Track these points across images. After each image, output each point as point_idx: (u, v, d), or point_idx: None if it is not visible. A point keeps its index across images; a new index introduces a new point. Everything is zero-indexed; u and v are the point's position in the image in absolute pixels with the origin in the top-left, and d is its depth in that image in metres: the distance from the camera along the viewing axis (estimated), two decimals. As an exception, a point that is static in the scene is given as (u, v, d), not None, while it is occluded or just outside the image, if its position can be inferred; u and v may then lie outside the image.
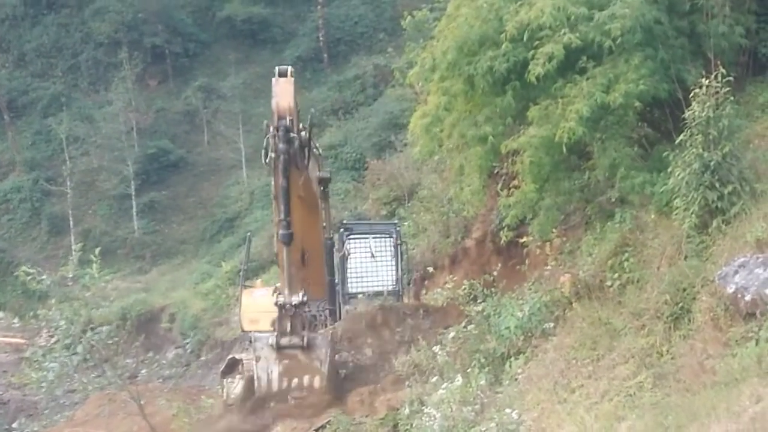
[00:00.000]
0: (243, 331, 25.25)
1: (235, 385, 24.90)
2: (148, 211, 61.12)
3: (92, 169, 62.69)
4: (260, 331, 25.17)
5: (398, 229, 26.86)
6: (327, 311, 24.95)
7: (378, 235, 26.27)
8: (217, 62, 69.82)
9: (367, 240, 26.03)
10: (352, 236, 25.85)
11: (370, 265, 26.10)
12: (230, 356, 25.58)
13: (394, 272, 25.81)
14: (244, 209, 57.66)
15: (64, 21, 70.26)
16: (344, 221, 27.41)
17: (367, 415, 19.14)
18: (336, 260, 25.72)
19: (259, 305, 25.87)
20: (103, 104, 64.54)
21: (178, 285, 50.01)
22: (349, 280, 25.54)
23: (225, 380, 25.78)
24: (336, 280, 25.72)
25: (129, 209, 60.48)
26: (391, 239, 26.19)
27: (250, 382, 20.56)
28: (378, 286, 25.21)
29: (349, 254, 25.61)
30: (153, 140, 64.12)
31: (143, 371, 30.97)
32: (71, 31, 70.06)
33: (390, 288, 24.92)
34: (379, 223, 28.97)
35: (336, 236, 25.82)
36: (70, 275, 24.04)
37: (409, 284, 25.63)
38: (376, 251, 25.97)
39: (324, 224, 25.31)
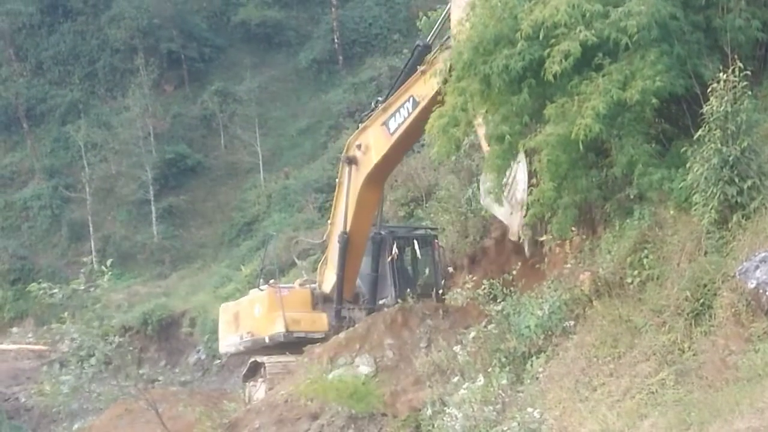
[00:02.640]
0: (288, 331, 25.08)
1: (258, 389, 24.95)
2: (167, 216, 61.28)
3: (111, 175, 62.93)
4: (305, 332, 25.19)
5: (436, 235, 27.57)
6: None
7: (419, 240, 26.72)
8: (232, 66, 69.95)
9: (410, 244, 26.52)
10: (397, 239, 26.27)
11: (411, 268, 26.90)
12: (252, 359, 25.60)
13: (434, 275, 26.18)
14: (262, 213, 57.73)
15: (80, 28, 70.52)
16: (384, 224, 27.57)
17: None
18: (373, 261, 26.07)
19: (290, 303, 25.83)
20: (121, 110, 64.76)
21: (198, 289, 50.14)
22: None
23: (247, 384, 25.83)
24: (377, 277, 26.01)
25: (148, 214, 60.66)
26: (430, 244, 26.87)
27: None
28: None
29: (397, 257, 25.90)
30: (170, 145, 64.27)
31: (160, 378, 31.06)
32: (87, 38, 70.32)
33: (436, 290, 25.10)
34: (418, 227, 29.19)
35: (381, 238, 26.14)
36: (82, 287, 24.10)
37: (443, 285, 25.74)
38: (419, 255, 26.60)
39: (374, 222, 26.05)
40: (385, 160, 24.57)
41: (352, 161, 24.79)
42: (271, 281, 27.31)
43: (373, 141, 24.19)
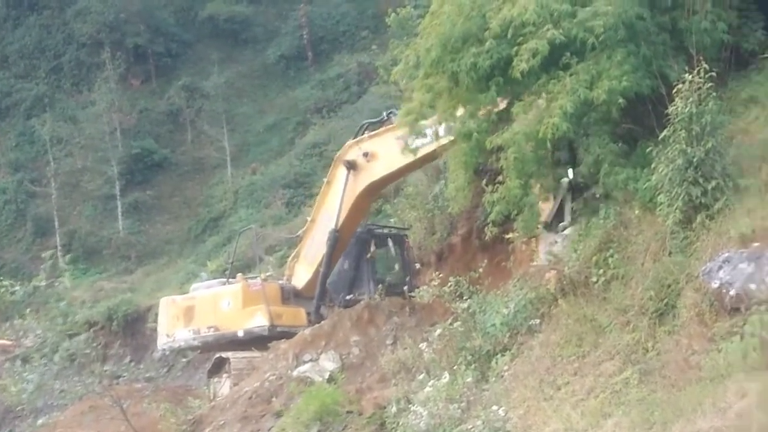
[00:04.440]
0: (273, 325, 24.99)
1: (222, 385, 24.86)
2: (133, 211, 60.87)
3: (76, 169, 62.35)
4: (288, 326, 25.13)
5: (407, 235, 27.72)
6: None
7: (393, 238, 26.83)
8: (199, 62, 69.61)
9: (386, 242, 26.60)
10: (373, 239, 26.35)
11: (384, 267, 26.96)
12: (217, 355, 25.49)
13: (408, 273, 26.31)
14: (228, 208, 57.52)
15: (46, 22, 69.95)
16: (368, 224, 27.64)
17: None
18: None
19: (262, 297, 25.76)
20: (87, 105, 64.29)
21: (163, 285, 49.76)
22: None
23: (212, 380, 25.72)
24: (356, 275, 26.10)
25: (114, 210, 60.23)
26: (403, 243, 27.07)
27: None
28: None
29: (375, 256, 25.97)
30: (137, 140, 63.89)
31: (125, 374, 30.88)
32: (53, 32, 69.76)
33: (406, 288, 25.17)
34: (392, 227, 29.25)
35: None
36: (43, 284, 23.97)
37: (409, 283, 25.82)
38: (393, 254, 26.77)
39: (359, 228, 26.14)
40: (393, 174, 24.59)
41: (351, 166, 24.61)
42: (239, 275, 27.24)
43: (384, 152, 24.02)
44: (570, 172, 17.67)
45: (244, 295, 25.79)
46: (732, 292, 11.84)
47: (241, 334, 25.43)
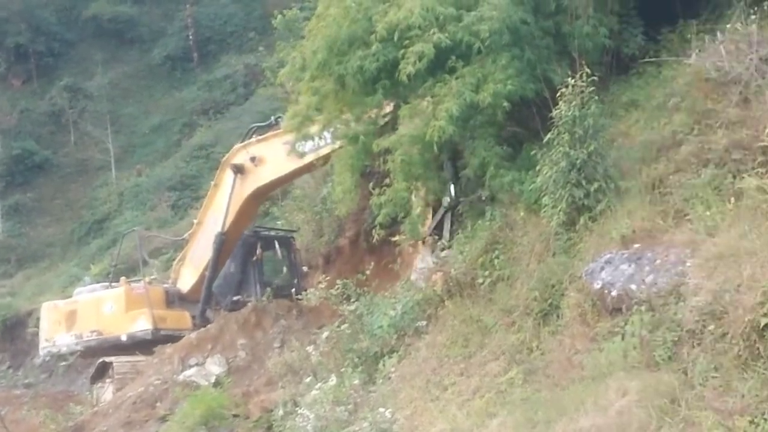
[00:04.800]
0: (156, 329, 24.78)
1: (105, 390, 24.46)
2: (13, 213, 59.62)
3: (-46, 171, 60.92)
4: (172, 329, 24.86)
5: (294, 237, 27.73)
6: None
7: (279, 240, 26.73)
8: (83, 61, 68.44)
9: (273, 245, 26.50)
10: (259, 241, 26.22)
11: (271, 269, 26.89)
12: (100, 360, 25.09)
13: (295, 276, 26.39)
14: (113, 210, 56.65)
15: None
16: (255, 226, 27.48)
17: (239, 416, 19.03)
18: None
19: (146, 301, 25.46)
20: (-35, 105, 62.86)
21: (45, 289, 48.75)
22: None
23: (95, 385, 25.29)
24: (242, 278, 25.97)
25: (-7, 212, 58.97)
26: (290, 245, 27.14)
27: None
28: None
29: (261, 259, 25.83)
30: (17, 141, 62.58)
31: (2, 381, 30.21)
32: (-69, 30, 68.01)
33: (293, 290, 25.08)
34: (279, 229, 29.12)
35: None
36: None
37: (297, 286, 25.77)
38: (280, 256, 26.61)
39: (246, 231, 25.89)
40: (281, 179, 24.46)
41: (239, 170, 24.37)
42: (122, 279, 26.90)
43: (271, 156, 23.81)
44: (451, 188, 17.84)
45: (127, 298, 25.53)
46: (613, 293, 12.01)
47: (124, 338, 25.17)
